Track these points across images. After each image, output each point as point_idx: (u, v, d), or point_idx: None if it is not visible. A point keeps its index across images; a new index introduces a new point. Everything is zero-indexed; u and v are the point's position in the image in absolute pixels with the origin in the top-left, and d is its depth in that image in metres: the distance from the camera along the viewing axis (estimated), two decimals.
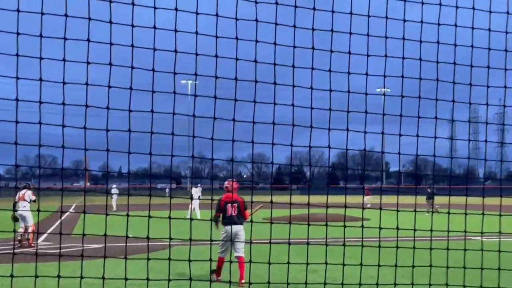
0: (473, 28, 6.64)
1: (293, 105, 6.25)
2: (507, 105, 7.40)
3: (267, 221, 6.52)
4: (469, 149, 7.98)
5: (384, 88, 6.24)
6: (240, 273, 10.61)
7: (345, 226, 6.39)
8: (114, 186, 45.90)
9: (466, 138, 7.30)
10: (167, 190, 54.18)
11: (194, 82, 6.23)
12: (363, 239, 6.09)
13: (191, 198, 6.98)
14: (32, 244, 16.90)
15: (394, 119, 6.70)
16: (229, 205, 11.04)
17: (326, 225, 6.22)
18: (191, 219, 5.88)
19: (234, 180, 11.86)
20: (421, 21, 6.46)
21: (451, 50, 6.66)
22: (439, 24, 6.51)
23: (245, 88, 6.18)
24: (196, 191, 34.11)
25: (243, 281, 10.43)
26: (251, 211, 10.59)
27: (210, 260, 6.63)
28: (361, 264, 6.34)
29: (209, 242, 6.15)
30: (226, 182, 11.83)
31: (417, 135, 6.60)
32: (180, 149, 6.20)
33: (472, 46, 6.68)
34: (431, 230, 6.61)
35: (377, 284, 6.42)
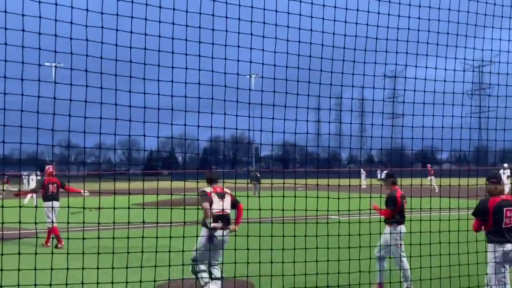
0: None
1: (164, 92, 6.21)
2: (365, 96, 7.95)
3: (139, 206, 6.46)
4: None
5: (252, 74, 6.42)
6: (58, 240, 13.91)
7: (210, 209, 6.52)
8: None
9: (331, 123, 7.73)
10: (31, 178, 50.20)
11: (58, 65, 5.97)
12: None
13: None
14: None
15: (263, 106, 6.93)
16: (50, 185, 14.06)
17: (185, 208, 6.32)
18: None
19: (52, 165, 15.13)
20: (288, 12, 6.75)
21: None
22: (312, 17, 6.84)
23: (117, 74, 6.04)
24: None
25: (60, 245, 13.70)
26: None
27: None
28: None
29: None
30: (47, 167, 14.81)
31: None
32: (45, 134, 5.93)
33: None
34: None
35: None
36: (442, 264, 7.66)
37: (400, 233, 8.94)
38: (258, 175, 37.50)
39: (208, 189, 8.63)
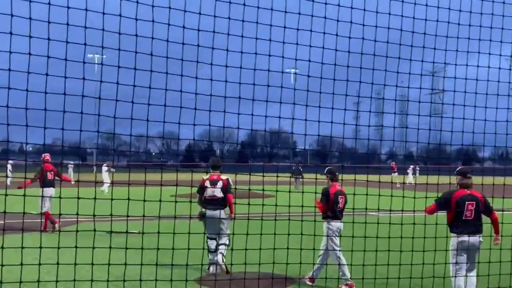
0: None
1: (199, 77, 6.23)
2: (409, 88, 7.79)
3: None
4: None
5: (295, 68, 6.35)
6: (45, 223, 14.59)
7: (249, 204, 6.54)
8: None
9: (370, 119, 7.64)
10: (69, 166, 51.35)
11: (101, 56, 6.05)
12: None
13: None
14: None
15: (302, 100, 6.88)
16: (48, 172, 15.25)
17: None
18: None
19: (49, 154, 16.14)
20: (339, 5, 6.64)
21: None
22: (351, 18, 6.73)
23: (160, 66, 6.08)
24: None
25: (47, 228, 14.45)
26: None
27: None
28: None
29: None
30: (43, 154, 15.91)
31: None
32: (87, 125, 6.03)
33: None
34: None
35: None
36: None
37: (338, 229, 9.04)
38: (301, 169, 37.46)
39: (206, 176, 10.18)
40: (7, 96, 5.38)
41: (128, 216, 6.02)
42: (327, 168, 9.67)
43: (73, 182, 13.44)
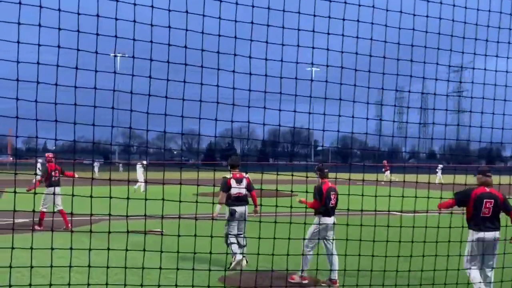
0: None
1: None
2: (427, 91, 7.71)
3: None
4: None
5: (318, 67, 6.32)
6: (65, 221, 14.69)
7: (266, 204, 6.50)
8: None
9: (392, 118, 7.57)
10: (95, 164, 51.61)
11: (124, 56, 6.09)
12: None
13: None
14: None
15: (324, 99, 6.84)
16: (53, 171, 15.18)
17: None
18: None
19: (53, 153, 17.32)
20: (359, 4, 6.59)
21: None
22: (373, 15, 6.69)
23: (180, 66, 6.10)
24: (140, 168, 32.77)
25: (68, 225, 14.05)
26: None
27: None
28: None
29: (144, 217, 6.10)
30: (47, 154, 16.43)
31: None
32: (106, 123, 6.06)
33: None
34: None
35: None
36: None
37: (327, 224, 9.18)
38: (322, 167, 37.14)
39: (228, 175, 10.38)
40: (35, 91, 5.42)
41: (163, 217, 6.03)
42: (316, 166, 9.85)
43: (76, 176, 13.36)
